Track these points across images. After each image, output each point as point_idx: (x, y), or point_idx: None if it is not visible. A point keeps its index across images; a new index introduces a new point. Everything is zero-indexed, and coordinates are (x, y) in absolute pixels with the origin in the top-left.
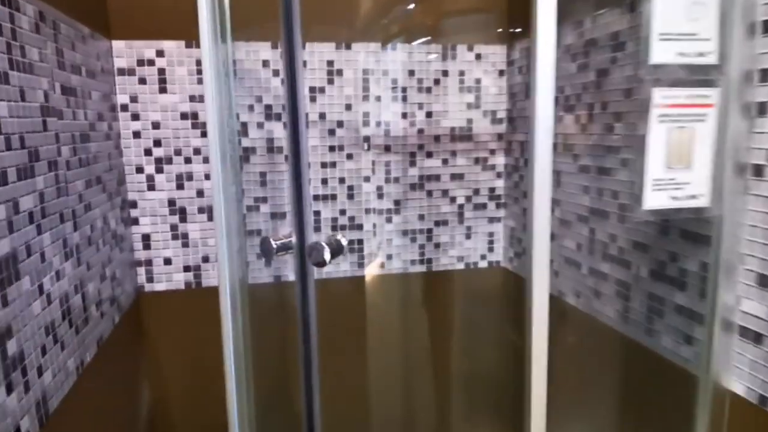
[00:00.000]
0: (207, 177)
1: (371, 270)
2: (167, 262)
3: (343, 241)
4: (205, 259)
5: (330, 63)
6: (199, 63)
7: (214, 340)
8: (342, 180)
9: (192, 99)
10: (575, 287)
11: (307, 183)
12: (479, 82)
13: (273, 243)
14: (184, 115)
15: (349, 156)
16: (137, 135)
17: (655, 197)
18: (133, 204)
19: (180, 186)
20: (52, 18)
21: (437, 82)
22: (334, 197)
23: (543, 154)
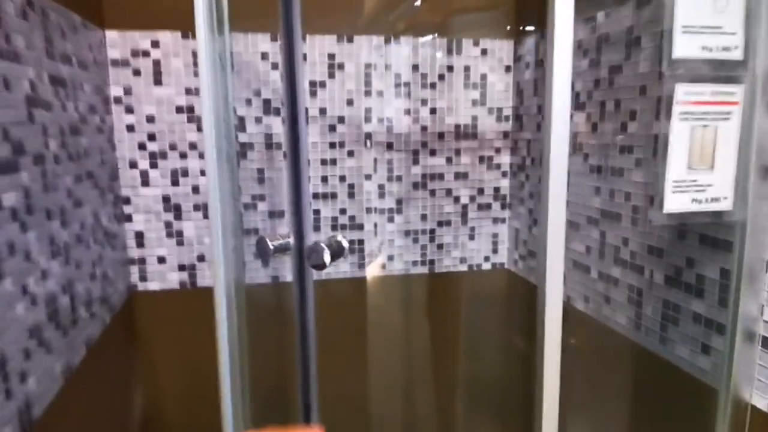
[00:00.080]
0: (203, 173)
1: (372, 270)
2: (161, 260)
3: (344, 243)
4: (201, 258)
5: (331, 56)
6: (196, 55)
7: (209, 342)
8: (342, 178)
9: (188, 92)
10: (584, 292)
11: (307, 181)
12: (485, 78)
13: (270, 244)
14: (179, 109)
15: (350, 153)
16: (131, 129)
17: (676, 200)
18: (126, 200)
19: (175, 182)
20: (40, 5)
21: (442, 77)
22: (334, 196)
23: (558, 154)
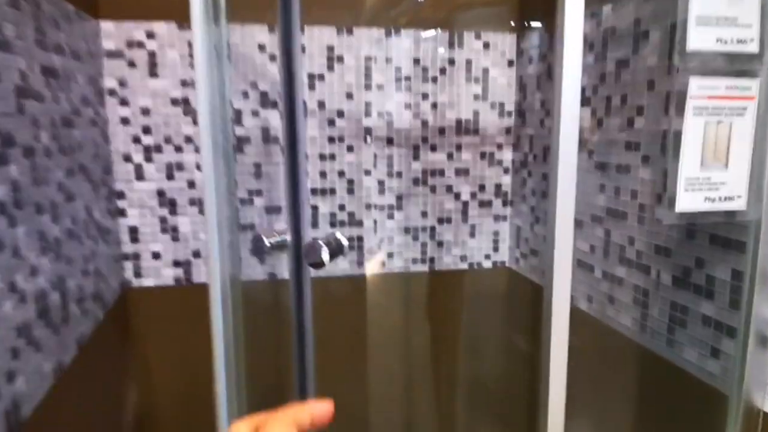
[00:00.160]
0: (199, 167)
1: (372, 266)
2: (156, 256)
3: (343, 241)
4: (196, 254)
5: (330, 48)
6: (192, 46)
7: (204, 339)
8: (341, 173)
9: (184, 84)
10: (587, 292)
11: (305, 176)
12: (487, 72)
13: (266, 241)
14: (175, 101)
15: (350, 148)
16: (125, 121)
17: (689, 199)
18: (121, 195)
19: (170, 176)
20: None
21: (443, 71)
22: (333, 191)
23: (567, 150)
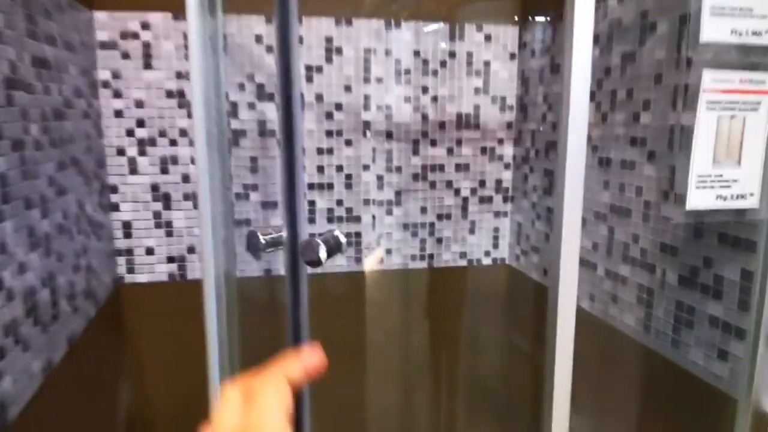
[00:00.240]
0: (194, 161)
1: (370, 263)
2: (149, 252)
3: (342, 238)
4: (191, 250)
5: (329, 40)
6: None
7: (198, 336)
8: (340, 168)
9: (179, 76)
10: (589, 290)
11: (301, 171)
12: (488, 65)
13: (261, 238)
14: (169, 94)
15: (348, 142)
16: (119, 114)
17: (700, 196)
18: (114, 189)
19: (164, 170)
20: None
21: (443, 64)
22: (330, 186)
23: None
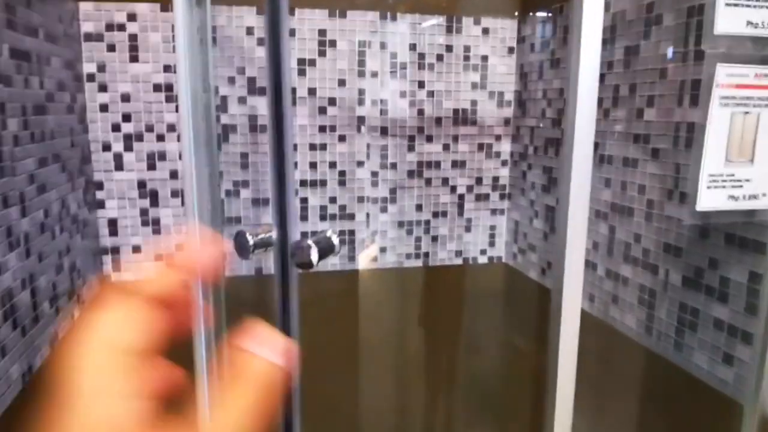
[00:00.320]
0: (182, 157)
1: (364, 261)
2: (136, 250)
3: (334, 239)
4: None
5: (322, 32)
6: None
7: (187, 336)
8: (333, 164)
9: (167, 69)
10: (589, 290)
11: (292, 168)
12: (486, 59)
13: (249, 238)
14: (157, 87)
15: (342, 138)
16: (104, 108)
17: (711, 196)
18: (99, 185)
19: (151, 166)
20: None
21: (440, 58)
22: (323, 183)
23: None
